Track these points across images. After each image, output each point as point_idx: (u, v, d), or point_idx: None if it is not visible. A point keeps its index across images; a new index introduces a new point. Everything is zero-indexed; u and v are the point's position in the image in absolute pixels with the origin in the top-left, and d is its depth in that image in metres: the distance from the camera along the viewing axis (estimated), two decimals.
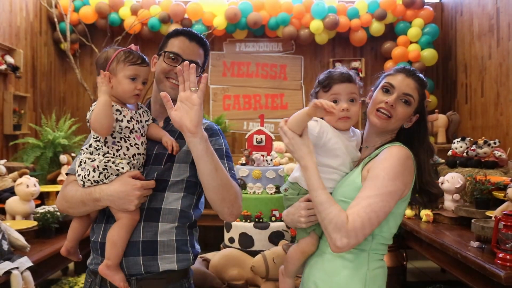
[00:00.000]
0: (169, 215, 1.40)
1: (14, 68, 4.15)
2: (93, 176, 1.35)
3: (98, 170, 1.34)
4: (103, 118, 1.31)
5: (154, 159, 1.44)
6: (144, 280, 1.38)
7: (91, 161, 1.35)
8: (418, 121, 1.46)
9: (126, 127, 1.37)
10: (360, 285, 1.33)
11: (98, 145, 1.37)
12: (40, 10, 4.94)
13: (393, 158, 1.32)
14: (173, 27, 4.97)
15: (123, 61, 1.38)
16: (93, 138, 1.39)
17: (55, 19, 4.90)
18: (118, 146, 1.36)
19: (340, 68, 1.47)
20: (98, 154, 1.36)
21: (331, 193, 1.39)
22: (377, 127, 1.42)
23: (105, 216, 1.42)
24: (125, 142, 1.37)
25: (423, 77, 1.48)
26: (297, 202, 1.44)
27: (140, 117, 1.44)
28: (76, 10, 5.04)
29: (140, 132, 1.42)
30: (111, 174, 1.35)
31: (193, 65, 1.29)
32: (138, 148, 1.39)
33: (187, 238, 1.43)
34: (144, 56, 1.43)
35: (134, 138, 1.39)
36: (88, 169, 1.36)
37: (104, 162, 1.34)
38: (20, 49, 4.36)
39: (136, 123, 1.41)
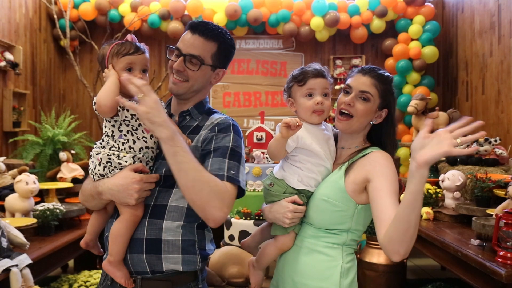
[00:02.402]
0: (174, 213, 1.35)
1: (14, 65, 4.13)
2: (99, 170, 1.35)
3: (102, 163, 1.34)
4: (110, 94, 1.30)
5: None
6: (149, 280, 1.36)
7: (97, 154, 1.36)
8: (386, 116, 1.50)
9: (132, 117, 1.35)
10: (337, 276, 1.41)
11: (107, 140, 1.37)
12: (40, 6, 4.92)
13: (387, 164, 1.39)
14: (173, 24, 4.96)
15: (116, 54, 1.36)
16: (104, 133, 1.40)
17: (55, 16, 4.88)
18: (125, 140, 1.35)
19: (313, 64, 1.53)
20: (105, 148, 1.37)
21: (312, 193, 1.46)
22: (341, 130, 1.51)
23: (116, 212, 1.41)
24: (132, 135, 1.36)
25: (383, 73, 1.50)
26: (284, 201, 1.45)
27: None
28: (76, 6, 5.03)
29: None
30: (115, 167, 1.34)
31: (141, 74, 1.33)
32: (146, 142, 1.37)
33: (194, 239, 1.38)
34: (139, 44, 1.40)
35: (142, 131, 1.37)
36: (94, 163, 1.37)
37: (108, 155, 1.34)
38: (20, 45, 4.34)
39: None
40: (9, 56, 4.13)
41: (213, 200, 1.27)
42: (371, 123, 1.50)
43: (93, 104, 1.34)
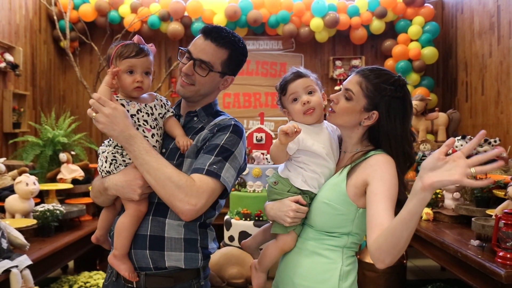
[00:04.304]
0: None
1: (14, 66, 4.14)
2: (105, 167, 1.41)
3: (108, 160, 1.40)
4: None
5: (169, 154, 1.45)
6: (152, 276, 1.39)
7: (103, 152, 1.42)
8: (379, 119, 1.40)
9: (132, 119, 1.39)
10: (336, 279, 1.39)
11: (112, 139, 1.42)
12: (40, 8, 4.93)
13: (387, 168, 1.34)
14: (172, 25, 4.97)
15: (119, 56, 1.39)
16: None
17: (55, 17, 4.89)
18: None
19: (291, 69, 1.52)
20: (110, 146, 1.42)
21: (315, 195, 1.45)
22: (329, 122, 1.50)
23: (123, 208, 1.44)
24: None
25: (377, 73, 1.41)
26: (287, 200, 1.44)
27: (152, 110, 1.44)
28: (76, 8, 5.03)
29: (150, 125, 1.42)
30: (120, 164, 1.39)
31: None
32: (147, 141, 1.40)
33: (197, 237, 1.42)
34: (143, 46, 1.42)
35: (143, 131, 1.40)
36: (101, 160, 1.42)
37: (112, 153, 1.39)
38: (20, 47, 4.35)
39: (145, 116, 1.42)
40: (9, 57, 4.14)
41: (177, 194, 1.29)
42: (361, 124, 1.43)
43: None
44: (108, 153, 1.40)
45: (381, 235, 1.20)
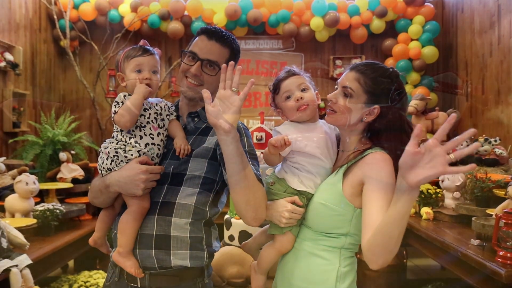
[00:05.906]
0: (182, 210, 1.40)
1: (14, 65, 4.13)
2: (107, 164, 1.41)
3: (110, 157, 1.40)
4: (131, 114, 1.37)
5: (172, 154, 1.47)
6: (157, 276, 1.40)
7: (105, 149, 1.43)
8: (380, 115, 1.39)
9: (142, 115, 1.43)
10: (333, 280, 1.38)
11: (116, 134, 1.45)
12: (40, 7, 4.92)
13: (384, 166, 1.31)
14: (172, 24, 4.96)
15: (126, 58, 1.45)
16: (114, 129, 1.46)
17: (55, 16, 4.88)
18: (132, 135, 1.42)
19: (284, 69, 1.53)
20: (113, 143, 1.43)
21: (312, 195, 1.44)
22: (330, 123, 1.47)
23: (123, 209, 1.45)
24: (140, 131, 1.42)
25: (373, 67, 1.39)
26: (283, 200, 1.43)
27: (161, 110, 1.49)
28: (76, 7, 5.03)
29: (158, 124, 1.46)
30: (121, 161, 1.40)
31: (239, 67, 1.30)
32: (152, 138, 1.43)
33: (202, 235, 1.43)
34: (148, 48, 1.47)
35: (150, 129, 1.43)
36: (102, 157, 1.43)
37: (115, 149, 1.40)
38: (20, 46, 4.34)
39: (153, 114, 1.45)
40: (9, 56, 4.13)
41: (264, 201, 1.36)
42: (362, 120, 1.41)
43: (113, 114, 1.40)
44: (110, 149, 1.41)
45: (372, 235, 1.19)
